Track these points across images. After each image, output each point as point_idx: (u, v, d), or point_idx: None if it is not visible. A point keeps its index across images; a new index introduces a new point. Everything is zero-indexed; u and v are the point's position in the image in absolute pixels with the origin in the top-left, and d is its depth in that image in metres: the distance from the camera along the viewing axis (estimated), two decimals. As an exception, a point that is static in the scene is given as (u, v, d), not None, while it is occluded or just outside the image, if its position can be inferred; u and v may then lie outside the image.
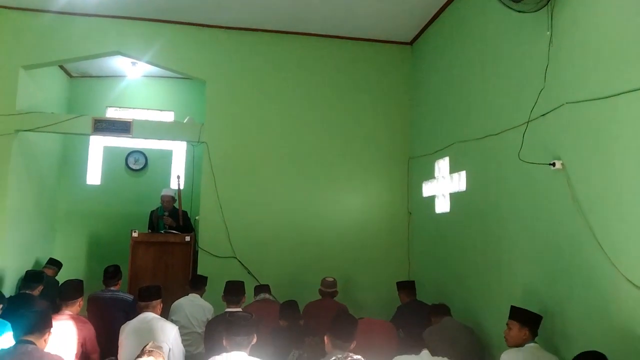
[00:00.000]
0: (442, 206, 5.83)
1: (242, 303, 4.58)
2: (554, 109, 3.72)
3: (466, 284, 5.07)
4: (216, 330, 4.02)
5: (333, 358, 2.01)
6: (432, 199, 6.09)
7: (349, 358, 1.98)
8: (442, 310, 4.55)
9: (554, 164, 3.60)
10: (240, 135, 6.66)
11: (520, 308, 3.57)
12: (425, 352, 3.32)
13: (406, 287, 5.46)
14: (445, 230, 5.69)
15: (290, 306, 4.19)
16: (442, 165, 5.89)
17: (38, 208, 7.15)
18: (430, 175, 6.15)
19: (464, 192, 5.26)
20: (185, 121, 7.11)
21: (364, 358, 2.20)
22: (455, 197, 5.49)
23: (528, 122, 4.02)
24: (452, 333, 4.22)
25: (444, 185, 5.82)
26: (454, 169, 5.56)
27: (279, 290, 5.58)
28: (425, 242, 6.33)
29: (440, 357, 3.32)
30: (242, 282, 4.70)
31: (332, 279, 5.49)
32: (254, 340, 3.00)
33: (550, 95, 3.78)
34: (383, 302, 6.12)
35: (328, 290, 5.40)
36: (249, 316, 3.02)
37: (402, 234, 6.80)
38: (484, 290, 4.68)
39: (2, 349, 3.03)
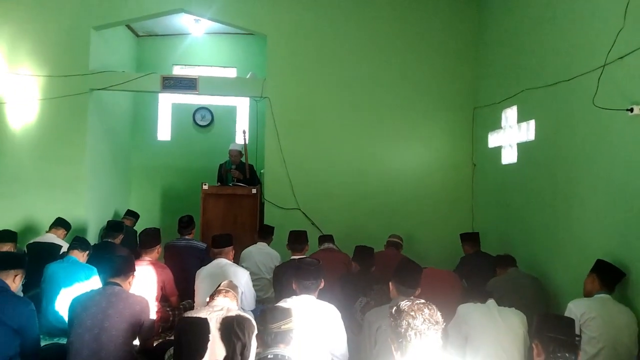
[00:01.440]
0: (509, 157, 5.67)
1: (306, 251, 4.74)
2: (634, 50, 3.47)
3: (533, 236, 4.97)
4: (284, 276, 4.21)
5: (399, 302, 2.07)
6: (498, 149, 5.93)
7: (415, 302, 2.03)
8: (507, 261, 4.51)
9: (631, 110, 3.41)
10: (302, 89, 6.69)
11: (606, 262, 3.49)
12: (491, 302, 3.33)
13: (470, 238, 5.43)
14: (511, 181, 5.55)
15: (364, 252, 4.27)
16: (510, 114, 5.69)
17: (114, 163, 7.60)
18: (496, 125, 5.97)
19: (532, 141, 5.08)
20: (247, 77, 7.21)
21: (428, 304, 2.24)
22: (523, 148, 5.31)
23: (604, 66, 3.78)
24: (518, 283, 4.20)
25: (511, 135, 5.63)
26: (522, 117, 5.36)
27: (341, 241, 5.70)
28: (490, 194, 6.22)
29: (506, 307, 3.32)
30: (305, 232, 4.85)
31: (398, 235, 5.62)
32: (322, 285, 3.13)
33: (630, 36, 3.53)
34: (446, 255, 6.12)
35: (394, 240, 5.50)
36: (317, 262, 3.14)
37: (465, 185, 6.70)
38: (553, 242, 4.58)
39: (93, 290, 3.33)
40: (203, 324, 2.84)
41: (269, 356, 2.31)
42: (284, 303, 2.88)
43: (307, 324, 2.81)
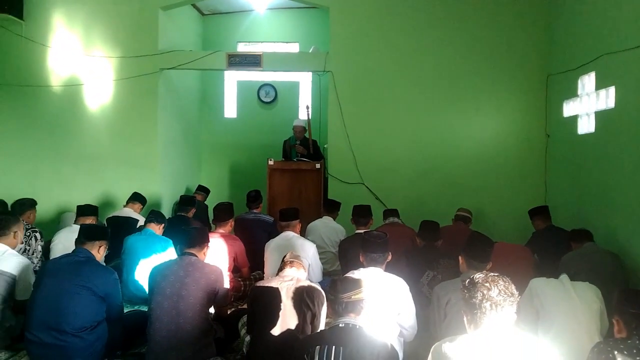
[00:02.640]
0: (586, 126, 5.36)
1: (370, 225, 4.74)
2: None
3: (612, 211, 4.70)
4: (349, 250, 4.25)
5: (470, 276, 2.04)
6: (573, 119, 5.62)
7: (488, 274, 1.99)
8: (583, 235, 4.30)
9: None
10: (365, 62, 6.60)
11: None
12: (564, 277, 3.21)
13: (541, 212, 5.22)
14: (588, 152, 5.25)
15: (430, 226, 4.23)
16: (587, 81, 5.35)
17: (185, 141, 7.88)
18: (572, 93, 5.64)
19: (612, 110, 4.77)
20: (310, 51, 7.20)
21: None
22: (601, 116, 5.00)
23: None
24: (594, 259, 4.01)
25: (588, 103, 5.31)
26: (600, 84, 5.03)
27: (406, 216, 5.64)
28: (564, 166, 5.93)
29: (580, 282, 3.19)
30: (369, 206, 4.84)
31: (467, 209, 5.54)
32: (389, 257, 3.13)
33: None
34: (516, 230, 5.92)
35: (462, 214, 5.40)
36: (384, 235, 3.14)
37: (538, 158, 6.42)
38: (634, 215, 4.32)
39: (171, 260, 3.50)
40: (274, 292, 2.93)
41: (340, 325, 2.35)
42: (353, 274, 2.91)
43: (376, 296, 2.83)
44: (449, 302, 2.96)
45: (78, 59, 6.78)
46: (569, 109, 5.78)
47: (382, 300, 2.88)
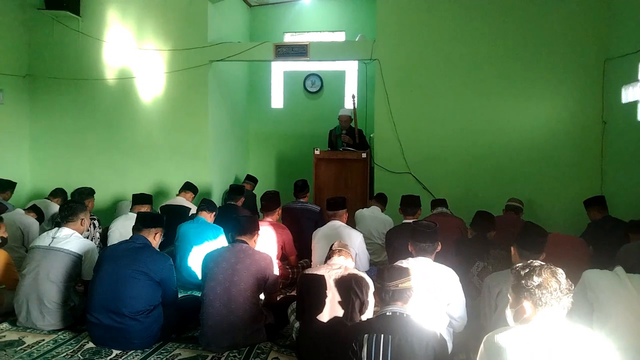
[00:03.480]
0: (647, 113, 5.11)
1: (418, 215, 4.70)
2: None
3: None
4: (396, 240, 4.24)
5: (518, 265, 2.01)
6: (633, 105, 5.36)
7: (542, 265, 1.95)
8: (643, 226, 4.11)
9: None
10: (413, 49, 6.51)
11: None
12: (619, 269, 3.08)
13: (597, 202, 5.01)
14: (649, 140, 5.01)
15: (483, 217, 4.16)
16: (649, 65, 5.10)
17: (233, 131, 8.04)
18: (631, 77, 5.38)
19: (677, 95, 4.52)
20: (356, 40, 7.16)
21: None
22: (664, 102, 4.76)
23: None
24: (655, 251, 3.82)
25: (650, 88, 5.06)
26: (664, 68, 4.78)
27: (454, 206, 5.56)
28: (623, 155, 5.67)
29: (637, 275, 3.06)
30: (418, 196, 4.79)
31: (518, 199, 5.42)
32: (439, 247, 3.11)
33: None
34: (570, 221, 5.72)
35: (513, 204, 5.28)
36: (434, 225, 3.12)
37: (593, 145, 6.15)
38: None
39: (222, 247, 3.61)
40: (323, 280, 2.97)
41: (387, 313, 2.36)
42: (401, 264, 2.91)
43: (425, 285, 2.82)
44: (500, 293, 2.92)
45: (131, 52, 7.01)
46: (627, 94, 5.51)
47: (432, 290, 2.86)
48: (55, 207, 5.82)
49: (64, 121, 7.17)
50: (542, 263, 1.99)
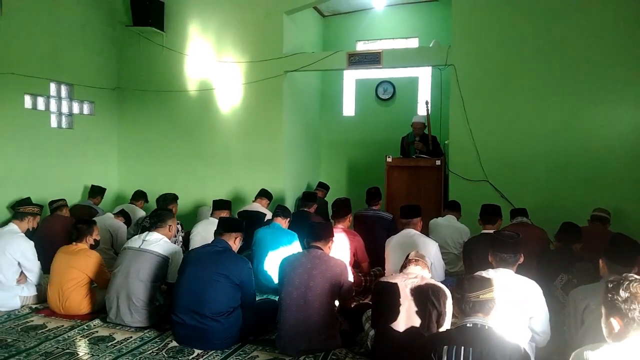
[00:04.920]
0: None
1: (499, 225, 4.54)
2: None
3: None
4: (474, 250, 4.12)
5: (610, 278, 1.90)
6: None
7: (628, 277, 1.84)
8: None
9: None
10: (490, 53, 6.32)
11: None
12: None
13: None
14: None
15: (569, 228, 3.97)
16: None
17: (306, 139, 8.18)
18: None
19: None
20: (430, 46, 7.07)
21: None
22: None
23: None
24: None
25: None
26: None
27: (535, 215, 5.32)
28: None
29: None
30: (499, 206, 4.63)
31: (605, 209, 5.11)
32: (521, 259, 2.99)
33: None
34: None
35: (599, 214, 4.98)
36: (516, 235, 3.01)
37: (692, 151, 5.69)
38: None
39: (298, 252, 3.68)
40: (399, 289, 2.95)
41: (468, 324, 2.30)
42: (481, 274, 2.82)
43: (507, 298, 2.72)
44: (587, 307, 2.78)
45: (211, 65, 7.34)
46: None
47: (514, 303, 2.76)
48: (140, 212, 6.21)
49: (149, 131, 7.62)
50: (636, 277, 1.87)
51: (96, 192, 6.69)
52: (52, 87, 6.70)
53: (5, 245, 4.19)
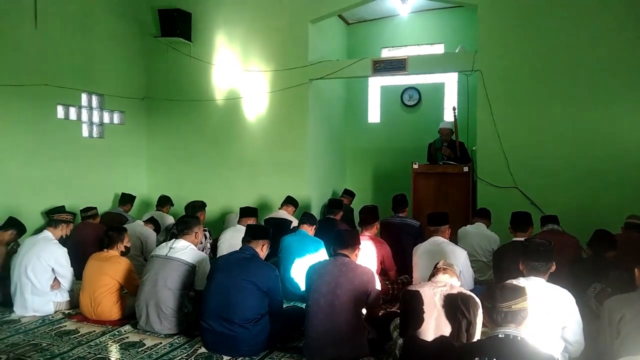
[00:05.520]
0: None
1: (530, 233, 4.45)
2: None
3: None
4: (504, 259, 4.05)
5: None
6: None
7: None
8: None
9: None
10: (517, 58, 6.22)
11: None
12: None
13: None
14: None
15: (603, 236, 3.88)
16: None
17: (331, 146, 8.19)
18: None
19: None
20: (456, 51, 7.02)
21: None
22: None
23: None
24: None
25: None
26: None
27: (566, 222, 5.20)
28: None
29: None
30: (529, 213, 4.54)
31: None
32: (553, 267, 2.93)
33: None
34: None
35: (634, 221, 4.84)
36: (548, 243, 2.95)
37: None
38: None
39: (325, 260, 3.67)
40: (427, 297, 2.91)
41: (499, 335, 2.26)
42: (512, 283, 2.77)
43: (539, 307, 2.67)
44: (623, 318, 2.71)
45: (237, 74, 7.43)
46: None
47: (546, 312, 2.71)
48: (169, 219, 6.30)
49: (177, 139, 7.75)
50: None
51: (126, 199, 6.82)
52: (84, 97, 6.89)
53: (40, 251, 4.30)
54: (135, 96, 7.70)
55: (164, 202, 6.64)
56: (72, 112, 6.71)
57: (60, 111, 6.50)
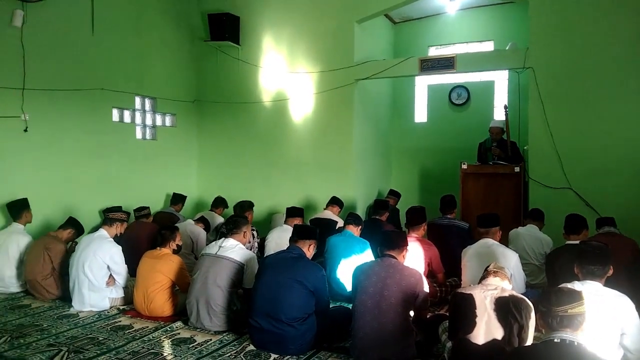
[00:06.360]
0: None
1: (585, 236, 4.28)
2: None
3: None
4: (558, 262, 3.93)
5: None
6: None
7: None
8: None
9: None
10: (571, 54, 5.99)
11: None
12: None
13: None
14: None
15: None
16: None
17: (376, 146, 8.15)
18: None
19: None
20: (507, 48, 6.83)
21: None
22: None
23: None
24: None
25: None
26: None
27: (623, 224, 4.94)
28: None
29: None
30: (584, 217, 4.37)
31: None
32: (610, 271, 2.81)
33: None
34: None
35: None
36: (605, 246, 2.83)
37: None
38: None
39: (372, 261, 3.66)
40: (478, 300, 2.85)
41: (555, 340, 2.18)
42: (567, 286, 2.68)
43: (595, 312, 2.56)
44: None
45: (284, 76, 7.51)
46: None
47: (603, 318, 2.59)
48: (218, 219, 6.44)
49: (226, 141, 7.93)
50: None
51: (177, 199, 7.03)
52: (137, 100, 7.15)
53: (96, 249, 4.48)
54: (186, 99, 7.92)
55: (219, 203, 6.80)
56: (127, 115, 6.98)
57: (115, 114, 6.78)
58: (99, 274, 4.48)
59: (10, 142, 5.50)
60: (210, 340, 3.78)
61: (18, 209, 5.25)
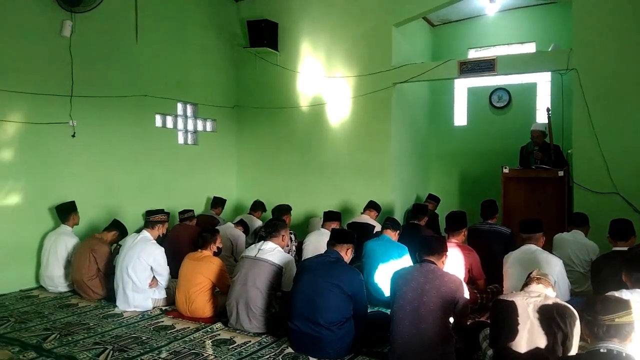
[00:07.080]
0: None
1: (632, 242, 4.12)
2: None
3: None
4: (603, 269, 3.80)
5: None
6: None
7: None
8: None
9: None
10: (615, 56, 5.78)
11: None
12: None
13: None
14: None
15: None
16: None
17: (414, 150, 8.09)
18: None
19: None
20: (549, 50, 6.66)
21: None
22: None
23: None
24: None
25: None
26: None
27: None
28: None
29: None
30: (630, 221, 4.20)
31: None
32: (661, 280, 2.70)
33: None
34: None
35: None
36: (655, 253, 2.72)
37: None
38: None
39: (411, 266, 3.62)
40: (520, 307, 2.78)
41: (601, 350, 2.11)
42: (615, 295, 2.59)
43: (646, 322, 2.47)
44: None
45: (321, 81, 7.56)
46: None
47: (654, 328, 2.49)
48: (257, 222, 6.53)
49: (265, 145, 8.04)
50: None
51: (217, 203, 7.17)
52: (179, 106, 7.34)
53: (140, 251, 4.61)
54: (226, 104, 8.08)
55: (257, 207, 6.89)
56: (169, 120, 7.17)
57: (158, 120, 6.98)
58: (143, 275, 4.60)
59: (59, 147, 5.73)
60: (250, 342, 3.84)
61: (66, 212, 5.47)
